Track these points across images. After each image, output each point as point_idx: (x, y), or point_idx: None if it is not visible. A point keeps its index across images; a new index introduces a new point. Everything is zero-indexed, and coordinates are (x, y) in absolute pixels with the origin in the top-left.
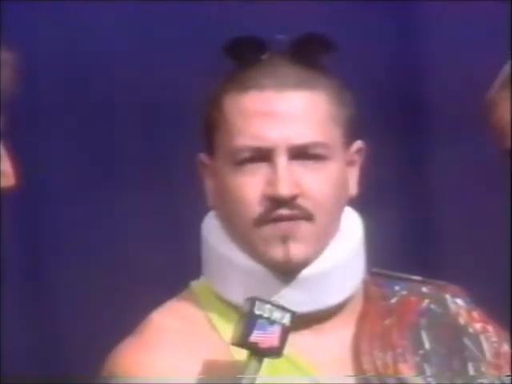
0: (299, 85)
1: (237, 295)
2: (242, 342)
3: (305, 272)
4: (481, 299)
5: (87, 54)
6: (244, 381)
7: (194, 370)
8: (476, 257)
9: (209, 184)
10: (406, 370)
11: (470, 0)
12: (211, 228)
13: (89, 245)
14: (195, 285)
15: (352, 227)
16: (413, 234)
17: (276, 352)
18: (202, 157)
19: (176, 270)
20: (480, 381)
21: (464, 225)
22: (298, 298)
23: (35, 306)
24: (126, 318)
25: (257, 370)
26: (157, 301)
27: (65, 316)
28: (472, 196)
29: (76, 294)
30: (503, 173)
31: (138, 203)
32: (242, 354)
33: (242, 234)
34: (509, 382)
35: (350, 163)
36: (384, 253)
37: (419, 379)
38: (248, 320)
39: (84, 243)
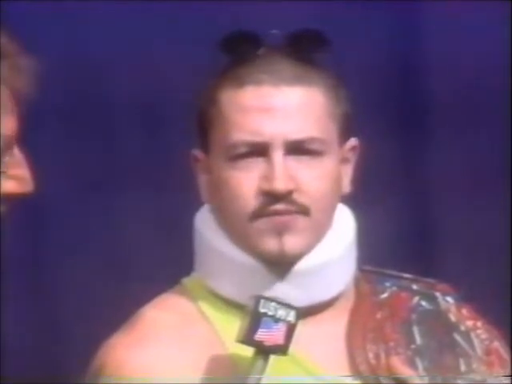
0: (296, 80)
1: (230, 290)
2: (248, 340)
3: (298, 267)
4: (480, 299)
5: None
6: (250, 379)
7: (189, 363)
8: (475, 257)
9: (203, 180)
10: (399, 364)
11: (471, 0)
12: (204, 223)
13: (89, 244)
14: (186, 280)
15: (344, 223)
16: (411, 234)
17: (282, 350)
18: (196, 152)
19: (178, 269)
20: (472, 376)
21: (463, 224)
22: (291, 292)
23: (36, 306)
24: (128, 318)
25: (263, 369)
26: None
27: (65, 316)
28: (471, 196)
29: (77, 294)
30: (503, 172)
31: (139, 202)
32: (237, 346)
33: (237, 228)
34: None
35: (344, 160)
36: (383, 252)
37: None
38: (253, 318)
39: (84, 243)
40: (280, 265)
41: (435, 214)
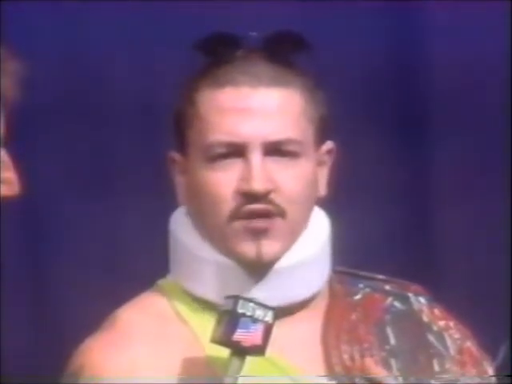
0: (274, 82)
1: (206, 291)
2: (225, 340)
3: (273, 267)
4: (480, 301)
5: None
6: (227, 380)
7: (166, 365)
8: (474, 258)
9: (179, 181)
10: (373, 365)
11: (471, 0)
12: (180, 225)
13: (88, 245)
14: (162, 282)
15: (319, 225)
16: (409, 235)
17: (259, 350)
18: (172, 154)
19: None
20: (445, 376)
21: (463, 226)
22: (267, 293)
23: (35, 306)
24: None
25: (239, 369)
26: None
27: (65, 316)
28: (470, 197)
29: (76, 294)
30: (503, 173)
31: (137, 205)
32: (215, 347)
33: (214, 229)
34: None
35: (320, 163)
36: (378, 254)
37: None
38: (231, 318)
39: (82, 244)
40: (257, 267)
41: (433, 216)
